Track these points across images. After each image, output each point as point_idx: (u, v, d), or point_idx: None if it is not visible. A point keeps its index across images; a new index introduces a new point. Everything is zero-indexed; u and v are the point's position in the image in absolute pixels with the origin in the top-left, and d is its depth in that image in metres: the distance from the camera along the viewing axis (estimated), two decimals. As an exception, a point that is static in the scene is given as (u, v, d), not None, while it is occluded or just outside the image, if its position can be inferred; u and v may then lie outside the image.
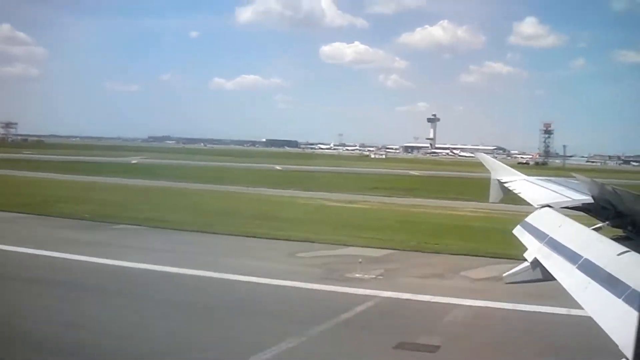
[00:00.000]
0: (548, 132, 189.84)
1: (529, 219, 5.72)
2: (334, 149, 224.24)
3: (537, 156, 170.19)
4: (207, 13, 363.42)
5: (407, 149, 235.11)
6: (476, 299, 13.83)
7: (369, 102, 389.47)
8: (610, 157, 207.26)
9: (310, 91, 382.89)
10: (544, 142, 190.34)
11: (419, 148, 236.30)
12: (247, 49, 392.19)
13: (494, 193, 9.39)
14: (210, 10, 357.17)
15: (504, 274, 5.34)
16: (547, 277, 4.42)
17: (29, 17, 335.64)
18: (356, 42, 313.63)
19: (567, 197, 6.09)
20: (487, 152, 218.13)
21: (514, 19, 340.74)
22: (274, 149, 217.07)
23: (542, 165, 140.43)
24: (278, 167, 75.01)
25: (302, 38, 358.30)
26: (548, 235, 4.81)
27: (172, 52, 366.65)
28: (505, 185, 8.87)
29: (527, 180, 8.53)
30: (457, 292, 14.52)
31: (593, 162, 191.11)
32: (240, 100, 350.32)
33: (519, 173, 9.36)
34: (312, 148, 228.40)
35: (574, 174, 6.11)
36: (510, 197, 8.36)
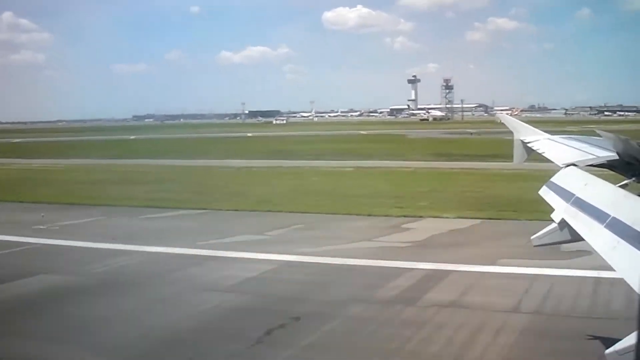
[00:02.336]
0: (448, 87, 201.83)
1: (554, 179, 5.69)
2: (316, 117, 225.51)
3: (519, 112, 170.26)
4: None
5: (392, 112, 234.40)
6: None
7: (378, 67, 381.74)
8: (591, 109, 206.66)
9: (316, 59, 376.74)
10: (445, 97, 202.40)
11: (402, 110, 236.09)
12: (249, 20, 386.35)
13: (518, 154, 9.28)
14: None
15: (532, 237, 5.35)
16: (576, 237, 4.44)
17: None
18: (359, 6, 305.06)
19: (591, 154, 6.03)
20: (468, 110, 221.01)
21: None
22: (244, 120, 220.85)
23: (441, 121, 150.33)
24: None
25: (303, 5, 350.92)
26: (574, 195, 4.78)
27: (176, 30, 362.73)
28: (529, 145, 8.79)
29: (551, 139, 8.43)
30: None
31: (570, 114, 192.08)
32: (247, 73, 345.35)
33: (542, 132, 9.22)
34: (293, 117, 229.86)
35: (597, 130, 6.04)
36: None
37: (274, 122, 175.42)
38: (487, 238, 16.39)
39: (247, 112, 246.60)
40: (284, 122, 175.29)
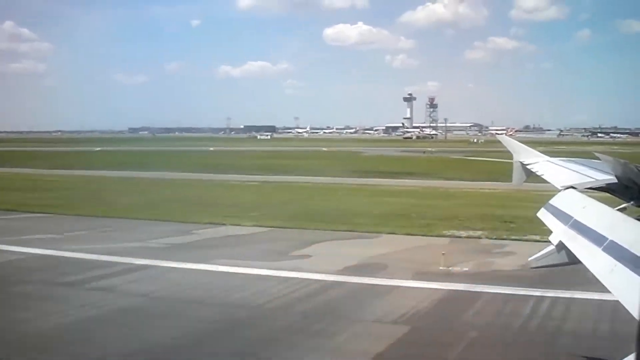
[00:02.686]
0: (432, 106, 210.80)
1: (552, 201, 5.67)
2: (306, 133, 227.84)
3: (514, 132, 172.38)
4: (207, 1, 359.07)
5: (388, 130, 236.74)
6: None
7: (377, 84, 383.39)
8: (585, 130, 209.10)
9: (317, 75, 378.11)
10: (429, 115, 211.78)
11: (396, 128, 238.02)
12: (250, 35, 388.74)
13: (517, 175, 9.32)
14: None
15: (529, 259, 5.33)
16: (573, 260, 4.41)
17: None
18: (359, 23, 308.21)
19: (590, 177, 6.03)
20: (462, 129, 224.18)
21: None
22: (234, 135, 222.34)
23: (424, 139, 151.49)
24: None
25: (304, 21, 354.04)
26: (572, 218, 4.76)
27: (176, 43, 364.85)
28: (528, 167, 8.80)
29: (550, 162, 8.44)
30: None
31: (564, 135, 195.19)
32: (247, 87, 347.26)
33: (541, 154, 9.25)
34: (288, 132, 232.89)
35: (596, 154, 6.05)
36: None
37: (258, 137, 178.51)
38: (248, 242, 18.70)
39: (242, 126, 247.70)
40: (268, 137, 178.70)
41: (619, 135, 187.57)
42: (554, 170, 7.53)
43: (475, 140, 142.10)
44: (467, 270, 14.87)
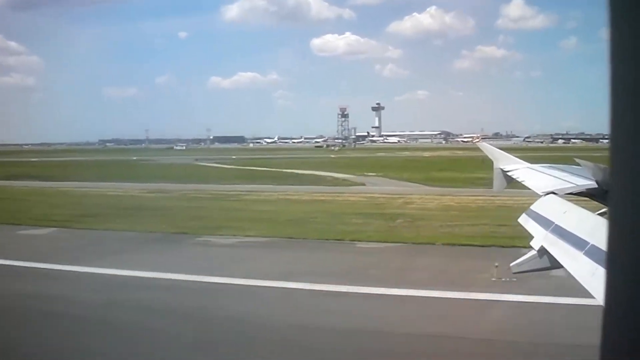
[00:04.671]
0: (344, 115, 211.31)
1: (533, 207, 5.69)
2: (279, 143, 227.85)
3: (480, 139, 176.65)
4: (193, 13, 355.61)
5: (358, 139, 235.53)
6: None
7: (367, 93, 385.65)
8: (552, 136, 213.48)
9: (306, 86, 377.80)
10: (340, 125, 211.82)
11: (364, 137, 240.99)
12: (238, 46, 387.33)
13: (498, 182, 9.37)
14: (195, 10, 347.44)
15: (511, 264, 5.32)
16: (555, 264, 4.41)
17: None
18: (347, 33, 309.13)
19: (570, 183, 6.06)
20: (427, 137, 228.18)
21: (501, 2, 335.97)
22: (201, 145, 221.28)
23: (331, 148, 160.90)
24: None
25: (291, 32, 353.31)
26: (553, 223, 4.77)
27: (164, 55, 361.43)
28: (509, 173, 8.85)
29: (530, 168, 8.50)
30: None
31: (529, 141, 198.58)
32: (238, 98, 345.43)
33: (521, 161, 9.32)
34: (257, 142, 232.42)
35: (577, 160, 6.07)
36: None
37: (175, 147, 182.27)
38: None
39: (211, 137, 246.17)
40: (183, 148, 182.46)
41: (574, 140, 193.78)
42: (535, 177, 7.58)
43: (333, 148, 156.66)
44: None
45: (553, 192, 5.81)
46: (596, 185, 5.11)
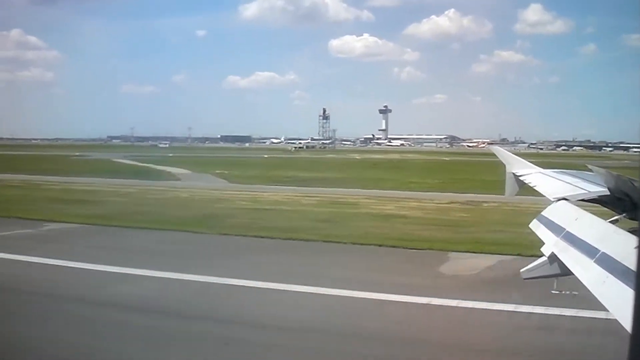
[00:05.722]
0: (325, 117, 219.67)
1: (545, 213, 5.67)
2: (286, 143, 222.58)
3: (485, 144, 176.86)
4: (211, 11, 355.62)
5: (365, 141, 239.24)
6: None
7: (384, 96, 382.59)
8: (556, 144, 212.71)
9: (323, 87, 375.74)
10: (322, 126, 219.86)
11: (370, 139, 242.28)
12: (256, 45, 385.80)
13: (510, 187, 9.33)
14: (213, 8, 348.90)
15: (521, 270, 5.31)
16: (565, 271, 4.40)
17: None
18: (365, 35, 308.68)
19: (582, 189, 6.04)
20: (433, 141, 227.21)
21: (519, 7, 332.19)
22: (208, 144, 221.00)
23: (313, 149, 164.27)
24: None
25: (309, 33, 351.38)
26: (565, 229, 4.76)
27: (183, 52, 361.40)
28: (520, 178, 8.82)
29: (542, 173, 8.46)
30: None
31: (535, 147, 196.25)
32: (255, 98, 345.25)
33: (533, 166, 9.27)
34: (263, 142, 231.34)
35: (589, 166, 6.04)
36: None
37: (159, 145, 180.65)
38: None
39: (219, 136, 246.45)
40: (167, 145, 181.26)
41: (575, 147, 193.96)
42: (547, 182, 7.55)
43: (291, 149, 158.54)
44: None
45: (565, 198, 5.79)
46: (608, 193, 5.09)
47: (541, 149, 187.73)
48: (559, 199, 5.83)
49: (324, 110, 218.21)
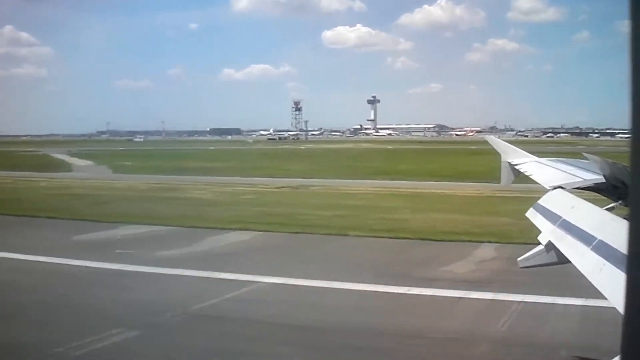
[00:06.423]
0: (298, 109, 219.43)
1: (541, 201, 5.67)
2: (274, 135, 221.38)
3: (474, 133, 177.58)
4: (202, 3, 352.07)
5: (354, 132, 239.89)
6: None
7: (379, 86, 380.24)
8: (543, 131, 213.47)
9: (318, 78, 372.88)
10: (295, 118, 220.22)
11: (358, 130, 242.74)
12: (249, 38, 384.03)
13: (506, 176, 9.34)
14: (205, 0, 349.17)
15: (518, 259, 5.33)
16: (562, 259, 4.41)
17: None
18: (358, 25, 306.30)
19: (578, 177, 6.05)
20: (421, 130, 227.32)
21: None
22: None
23: (286, 140, 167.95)
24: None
25: (302, 24, 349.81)
26: (561, 217, 4.76)
27: (177, 46, 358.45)
28: (516, 167, 8.83)
29: (538, 162, 8.47)
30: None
31: (522, 135, 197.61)
32: (249, 90, 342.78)
33: (529, 155, 9.28)
34: (251, 134, 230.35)
35: (585, 154, 6.05)
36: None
37: (134, 139, 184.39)
38: None
39: (208, 129, 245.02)
40: (142, 139, 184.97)
41: (560, 134, 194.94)
42: (543, 171, 7.55)
43: (250, 140, 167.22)
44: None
45: (561, 187, 5.80)
46: (604, 180, 5.10)
47: (526, 136, 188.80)
48: (555, 187, 5.84)
49: (297, 103, 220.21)
